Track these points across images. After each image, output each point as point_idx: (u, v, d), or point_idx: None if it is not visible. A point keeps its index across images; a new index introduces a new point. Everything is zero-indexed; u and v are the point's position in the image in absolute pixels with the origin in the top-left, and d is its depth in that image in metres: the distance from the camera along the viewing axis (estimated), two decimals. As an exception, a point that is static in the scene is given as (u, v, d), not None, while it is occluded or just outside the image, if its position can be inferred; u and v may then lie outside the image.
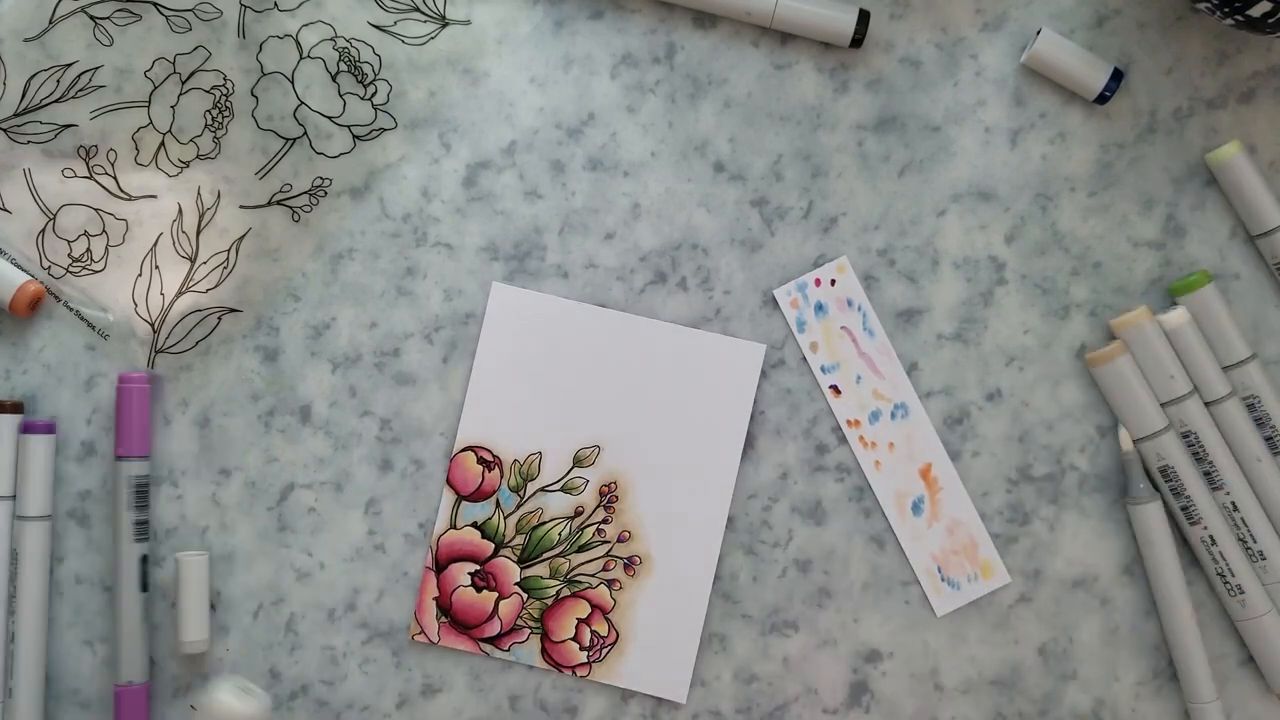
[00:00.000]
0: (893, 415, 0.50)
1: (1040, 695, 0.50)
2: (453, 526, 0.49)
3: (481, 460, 0.49)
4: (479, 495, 0.49)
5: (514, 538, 0.49)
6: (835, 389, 0.50)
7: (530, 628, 0.49)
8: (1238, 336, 0.49)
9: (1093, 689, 0.50)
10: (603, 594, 0.49)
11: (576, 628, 0.49)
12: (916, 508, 0.50)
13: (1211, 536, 0.49)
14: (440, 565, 0.49)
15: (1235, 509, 0.49)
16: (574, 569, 0.49)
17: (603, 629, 0.49)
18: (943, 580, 0.50)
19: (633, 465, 0.49)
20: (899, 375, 0.50)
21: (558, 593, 0.49)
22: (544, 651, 0.49)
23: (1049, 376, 0.50)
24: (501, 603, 0.49)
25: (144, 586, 0.48)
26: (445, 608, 0.49)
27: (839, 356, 0.50)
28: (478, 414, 0.49)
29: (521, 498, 0.49)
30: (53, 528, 0.49)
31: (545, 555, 0.49)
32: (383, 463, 0.50)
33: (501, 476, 0.49)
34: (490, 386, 0.49)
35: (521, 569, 0.49)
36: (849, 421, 0.50)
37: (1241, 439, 0.49)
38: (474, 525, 0.49)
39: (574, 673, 0.49)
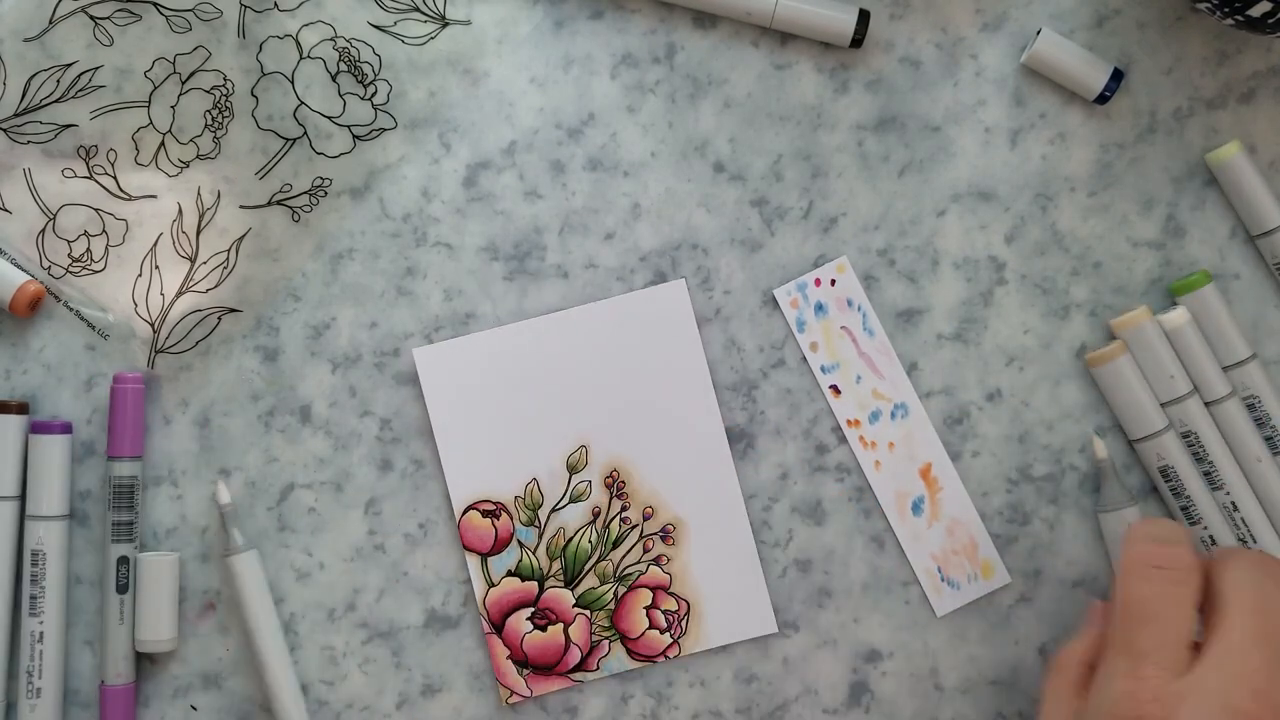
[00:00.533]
0: (893, 415, 0.50)
1: (1040, 695, 0.50)
2: (490, 585, 0.49)
3: (486, 513, 0.49)
4: (499, 546, 0.49)
5: (551, 566, 0.49)
6: (835, 389, 0.50)
7: (607, 638, 0.49)
8: (1238, 336, 0.49)
9: (1093, 689, 0.50)
10: (655, 574, 0.49)
11: (648, 615, 0.49)
12: (916, 508, 0.50)
13: (1212, 537, 0.49)
14: (498, 625, 0.49)
15: (1235, 509, 0.49)
16: (619, 565, 0.49)
17: (671, 605, 0.49)
18: (943, 580, 0.50)
19: (623, 446, 0.49)
20: (899, 375, 0.50)
21: (616, 594, 0.49)
22: (630, 653, 0.49)
23: (1049, 376, 0.50)
24: (570, 629, 0.49)
25: (121, 588, 0.48)
26: (522, 660, 0.49)
27: (839, 356, 0.50)
28: (460, 474, 0.49)
29: (539, 527, 0.49)
30: (70, 527, 0.49)
31: (587, 566, 0.49)
32: (383, 463, 0.50)
33: (511, 518, 0.49)
34: (458, 444, 0.49)
35: (572, 590, 0.49)
36: (849, 421, 0.50)
37: (1241, 439, 0.49)
38: (509, 574, 0.49)
39: (665, 657, 0.49)
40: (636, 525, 0.49)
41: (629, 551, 0.49)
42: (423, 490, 0.50)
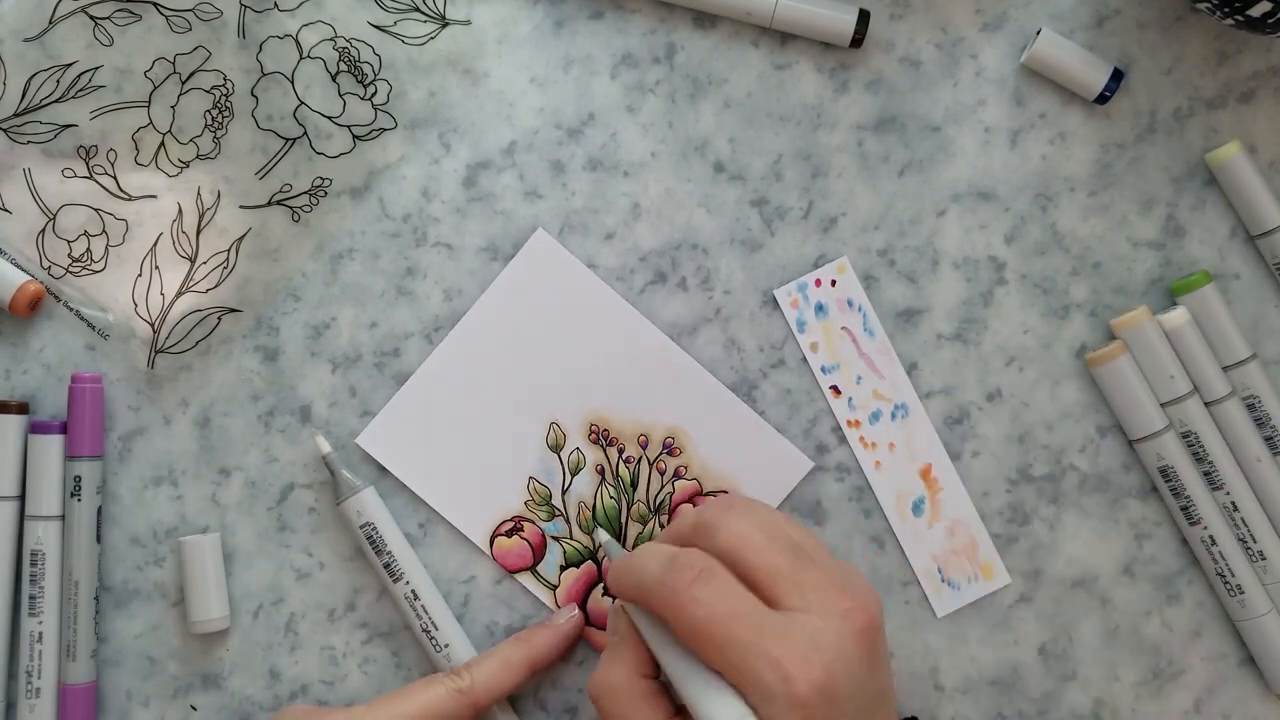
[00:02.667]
0: (893, 415, 0.50)
1: (1040, 695, 0.50)
2: (554, 588, 0.50)
3: (509, 533, 0.49)
4: (539, 552, 0.49)
5: (598, 535, 0.50)
6: (835, 389, 0.50)
7: None
8: (1238, 336, 0.49)
9: (1093, 689, 0.50)
10: (684, 486, 0.50)
11: None
12: (917, 508, 0.50)
13: (1211, 536, 0.49)
14: (588, 619, 0.50)
15: (1235, 509, 0.49)
16: (651, 500, 0.50)
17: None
18: (943, 581, 0.50)
19: (585, 399, 0.50)
20: (899, 375, 0.50)
21: (661, 523, 0.50)
22: None
23: (1049, 376, 0.50)
24: None
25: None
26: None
27: (839, 357, 0.50)
28: (465, 517, 0.49)
29: (561, 514, 0.50)
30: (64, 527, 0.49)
31: (624, 519, 0.50)
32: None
33: (533, 521, 0.50)
34: (447, 493, 0.49)
35: (625, 546, 0.50)
36: (849, 421, 0.50)
37: (1241, 439, 0.49)
38: (562, 569, 0.50)
39: None
40: (640, 457, 0.50)
41: (649, 483, 0.50)
42: (423, 490, 0.50)
